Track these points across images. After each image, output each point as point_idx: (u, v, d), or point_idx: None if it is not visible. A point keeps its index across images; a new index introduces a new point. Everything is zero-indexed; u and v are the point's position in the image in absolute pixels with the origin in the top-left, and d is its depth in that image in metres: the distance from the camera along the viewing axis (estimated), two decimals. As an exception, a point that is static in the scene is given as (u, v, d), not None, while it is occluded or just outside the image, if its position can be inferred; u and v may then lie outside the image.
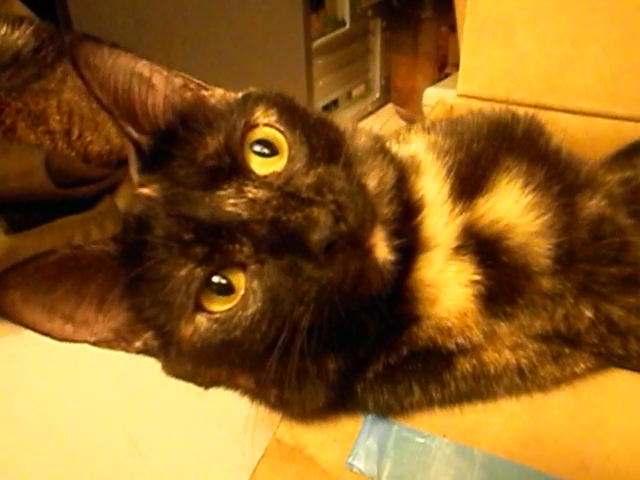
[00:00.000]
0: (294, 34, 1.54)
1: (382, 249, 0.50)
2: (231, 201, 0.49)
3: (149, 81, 0.57)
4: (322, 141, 0.54)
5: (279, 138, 0.54)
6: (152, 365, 0.58)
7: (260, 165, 0.53)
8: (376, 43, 1.83)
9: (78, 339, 0.55)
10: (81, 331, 0.55)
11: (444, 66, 1.70)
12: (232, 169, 0.51)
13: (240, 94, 0.60)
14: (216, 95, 0.61)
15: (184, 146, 0.53)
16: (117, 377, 0.98)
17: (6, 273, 0.50)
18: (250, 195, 0.49)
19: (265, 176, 0.52)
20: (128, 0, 1.53)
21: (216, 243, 0.49)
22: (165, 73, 0.59)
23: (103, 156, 1.41)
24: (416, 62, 1.73)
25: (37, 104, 1.32)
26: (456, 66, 1.64)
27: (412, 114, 1.75)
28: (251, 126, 0.54)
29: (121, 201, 1.41)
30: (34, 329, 0.52)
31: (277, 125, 0.54)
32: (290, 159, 0.53)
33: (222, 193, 0.50)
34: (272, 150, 0.53)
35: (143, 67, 0.57)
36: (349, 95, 1.81)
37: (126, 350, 0.57)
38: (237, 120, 0.54)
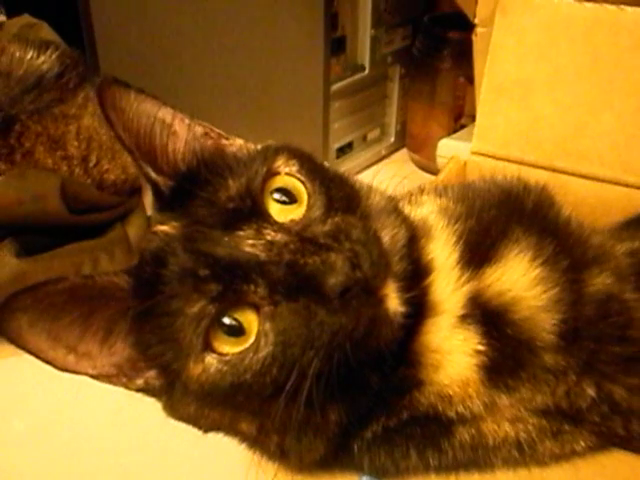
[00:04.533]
0: (314, 77, 1.56)
1: (393, 300, 0.51)
2: (250, 242, 0.50)
3: (170, 127, 0.59)
4: (340, 193, 0.56)
5: (299, 187, 0.55)
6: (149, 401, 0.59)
7: (279, 212, 0.54)
8: (394, 89, 1.85)
9: (79, 371, 0.55)
10: (83, 363, 0.55)
11: (460, 116, 1.71)
12: (252, 212, 0.52)
13: (259, 146, 0.62)
14: (236, 144, 0.63)
15: (206, 187, 0.55)
16: (115, 405, 0.98)
17: (16, 296, 0.50)
18: (269, 237, 0.50)
19: (283, 222, 0.53)
20: (153, 31, 1.57)
21: (231, 282, 0.50)
22: (187, 121, 0.61)
23: (118, 184, 1.42)
24: (432, 110, 1.75)
25: (57, 129, 1.34)
26: (472, 117, 1.66)
27: (426, 161, 1.76)
28: (272, 174, 0.55)
29: (132, 229, 1.42)
30: (37, 356, 0.52)
31: (298, 175, 0.56)
32: (309, 207, 0.54)
33: (241, 234, 0.51)
34: (291, 198, 0.55)
35: (166, 113, 0.59)
36: (364, 138, 1.82)
37: (126, 387, 0.57)
38: (259, 167, 0.55)
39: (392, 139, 1.91)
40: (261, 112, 1.58)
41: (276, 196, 0.54)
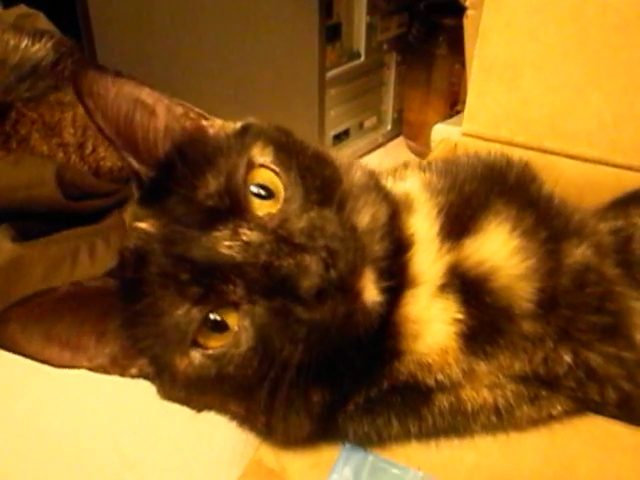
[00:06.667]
0: (309, 64, 1.57)
1: (371, 291, 0.51)
2: (226, 243, 0.51)
3: (151, 109, 0.59)
4: (317, 181, 0.56)
5: (274, 180, 0.55)
6: (145, 383, 0.60)
7: (258, 206, 0.54)
8: (390, 76, 1.86)
9: (76, 365, 0.56)
10: (78, 357, 0.56)
11: (456, 103, 1.72)
12: (230, 210, 0.52)
13: (239, 124, 0.62)
14: (215, 125, 0.62)
15: (183, 182, 0.54)
16: (112, 389, 0.99)
17: (8, 308, 0.52)
18: (245, 238, 0.51)
19: (261, 217, 0.53)
20: (149, 20, 1.57)
21: (211, 283, 0.51)
22: (167, 101, 0.60)
23: (114, 172, 1.42)
24: (428, 97, 1.76)
25: (52, 116, 1.34)
26: (467, 104, 1.68)
27: (422, 148, 1.77)
28: (251, 166, 0.55)
29: (129, 217, 1.42)
30: (33, 358, 0.54)
31: (272, 166, 0.55)
32: (285, 200, 0.54)
33: (218, 234, 0.51)
34: (269, 192, 0.55)
35: (147, 95, 0.58)
36: (361, 126, 1.83)
37: (122, 375, 0.59)
38: (238, 159, 0.55)
39: (389, 127, 1.92)
40: (256, 100, 1.58)
41: (254, 189, 0.54)
